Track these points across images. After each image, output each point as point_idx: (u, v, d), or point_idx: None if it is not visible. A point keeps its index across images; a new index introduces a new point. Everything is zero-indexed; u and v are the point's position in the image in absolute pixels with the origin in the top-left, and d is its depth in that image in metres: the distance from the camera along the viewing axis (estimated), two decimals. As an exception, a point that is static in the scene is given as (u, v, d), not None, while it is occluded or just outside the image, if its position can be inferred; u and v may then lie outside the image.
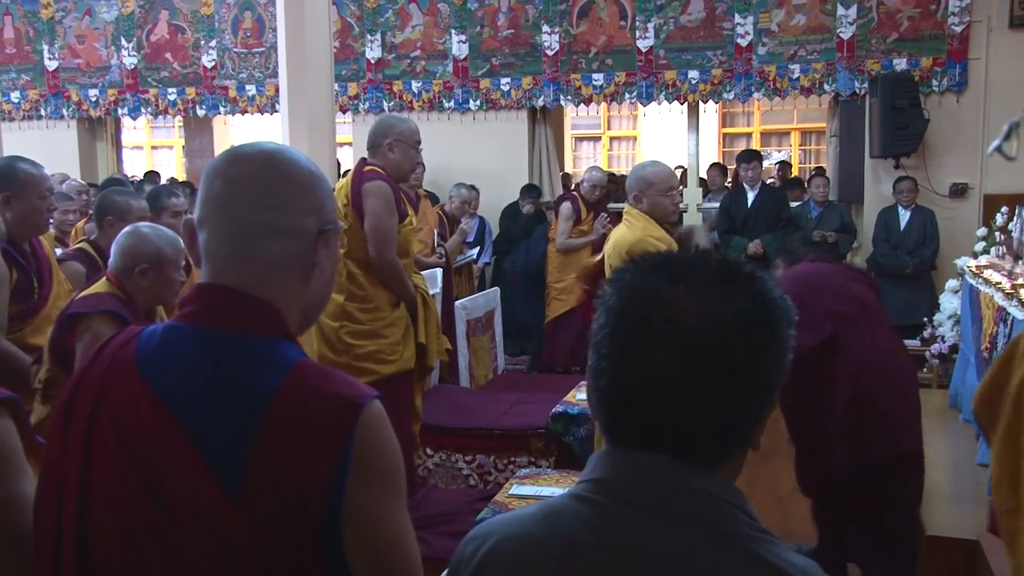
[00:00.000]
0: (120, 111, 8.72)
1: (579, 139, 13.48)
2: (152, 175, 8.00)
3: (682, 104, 7.58)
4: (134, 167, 11.04)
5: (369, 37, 7.99)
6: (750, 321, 0.89)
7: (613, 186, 8.80)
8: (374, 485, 1.05)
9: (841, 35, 7.01)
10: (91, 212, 4.20)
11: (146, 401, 1.07)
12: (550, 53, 7.62)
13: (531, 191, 7.57)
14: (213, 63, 8.40)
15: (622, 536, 0.89)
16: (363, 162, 3.70)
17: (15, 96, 8.90)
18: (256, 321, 1.09)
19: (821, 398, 3.08)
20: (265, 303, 1.10)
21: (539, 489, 3.15)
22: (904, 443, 3.14)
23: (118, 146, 9.38)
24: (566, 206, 6.68)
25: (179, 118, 9.61)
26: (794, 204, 7.28)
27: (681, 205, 7.98)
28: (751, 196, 6.84)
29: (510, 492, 3.18)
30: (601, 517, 0.91)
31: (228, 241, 1.11)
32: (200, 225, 1.13)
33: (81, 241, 3.70)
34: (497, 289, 6.25)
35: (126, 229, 2.70)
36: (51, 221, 3.30)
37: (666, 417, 0.89)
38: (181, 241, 2.79)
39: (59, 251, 3.62)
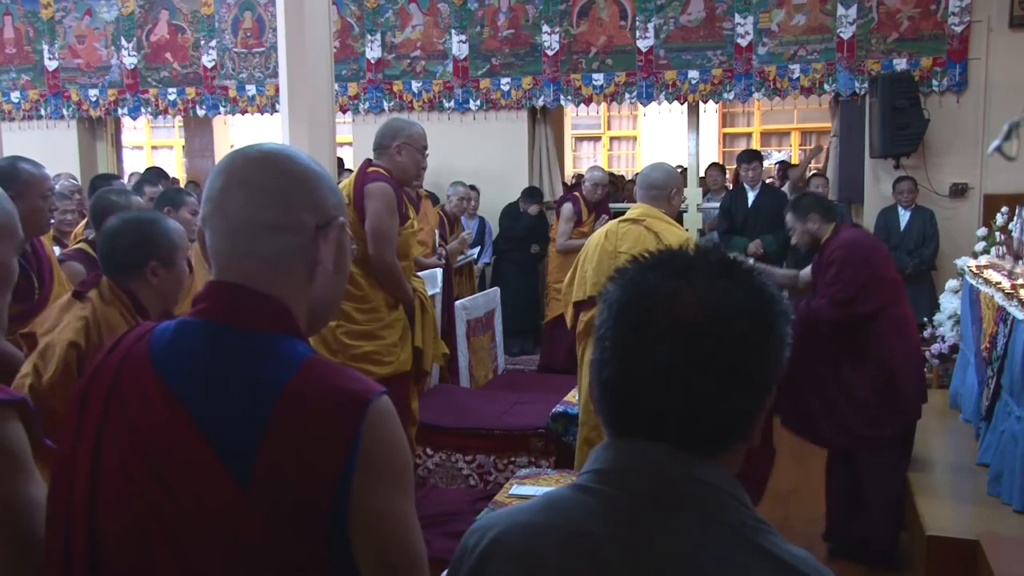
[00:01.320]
0: (120, 111, 8.72)
1: (579, 139, 13.48)
2: (156, 171, 7.78)
3: (682, 104, 7.58)
4: (134, 167, 11.03)
5: (369, 37, 7.99)
6: (748, 316, 0.92)
7: (613, 187, 8.81)
8: (381, 480, 1.05)
9: (841, 35, 7.01)
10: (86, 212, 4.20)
11: (159, 396, 1.08)
12: (550, 53, 7.62)
13: (532, 194, 7.55)
14: (213, 63, 8.40)
15: (624, 524, 0.91)
16: (368, 163, 3.70)
17: (15, 96, 8.90)
18: (266, 317, 1.11)
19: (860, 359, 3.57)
20: (274, 299, 1.11)
21: (539, 489, 3.15)
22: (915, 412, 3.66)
23: (118, 146, 9.38)
24: (567, 207, 6.67)
25: (179, 118, 9.62)
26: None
27: (681, 205, 8.03)
28: (751, 196, 6.84)
29: (510, 492, 3.18)
30: (604, 506, 0.93)
31: (228, 239, 1.13)
32: (203, 223, 1.15)
33: (80, 241, 3.70)
34: (497, 289, 6.25)
35: None
36: (52, 221, 3.29)
37: (666, 409, 0.91)
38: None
39: (57, 251, 3.61)
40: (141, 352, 1.12)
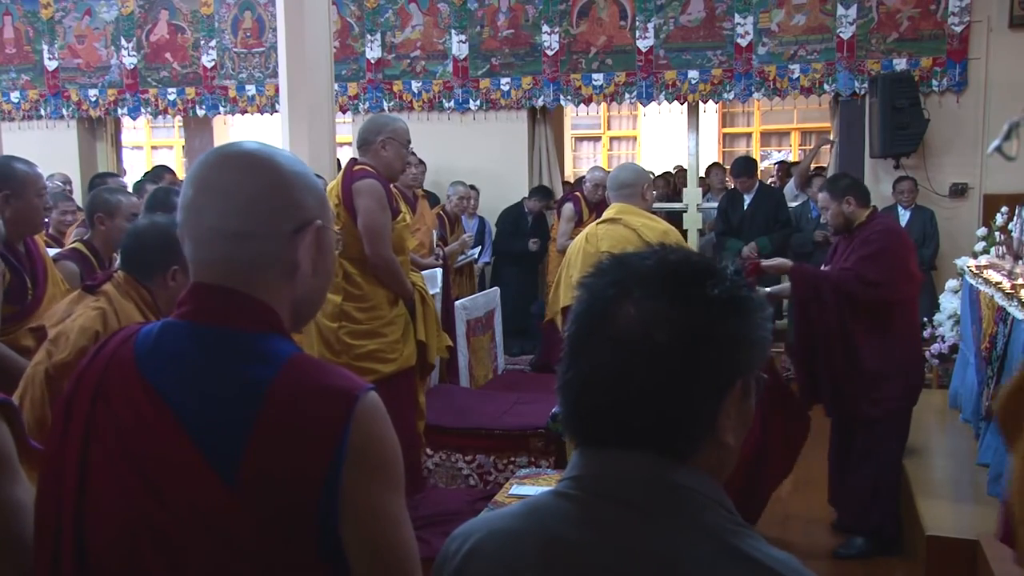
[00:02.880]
0: (120, 111, 8.71)
1: (579, 139, 13.47)
2: (159, 169, 7.56)
3: (682, 104, 7.57)
4: (134, 167, 11.03)
5: (369, 37, 7.99)
6: (685, 325, 0.92)
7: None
8: (370, 477, 1.05)
9: (841, 35, 7.01)
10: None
11: (145, 398, 1.07)
12: (550, 53, 7.62)
13: (542, 194, 7.50)
14: (213, 63, 8.40)
15: (601, 530, 0.92)
16: (353, 161, 3.71)
17: (15, 96, 8.90)
18: (248, 317, 1.10)
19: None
20: (255, 300, 1.11)
21: (539, 489, 3.15)
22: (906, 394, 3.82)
23: (118, 146, 9.37)
24: (568, 207, 6.68)
25: (179, 118, 9.61)
26: (793, 204, 7.27)
27: (680, 205, 8.03)
28: (747, 198, 6.83)
29: (510, 492, 3.17)
30: (581, 512, 0.94)
31: (199, 248, 1.12)
32: (180, 231, 1.15)
33: (75, 241, 3.69)
34: (497, 289, 6.25)
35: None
36: (47, 220, 3.29)
37: (616, 414, 0.93)
38: None
39: (53, 251, 3.60)
40: (127, 355, 1.12)
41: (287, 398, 1.04)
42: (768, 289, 4.10)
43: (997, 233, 4.76)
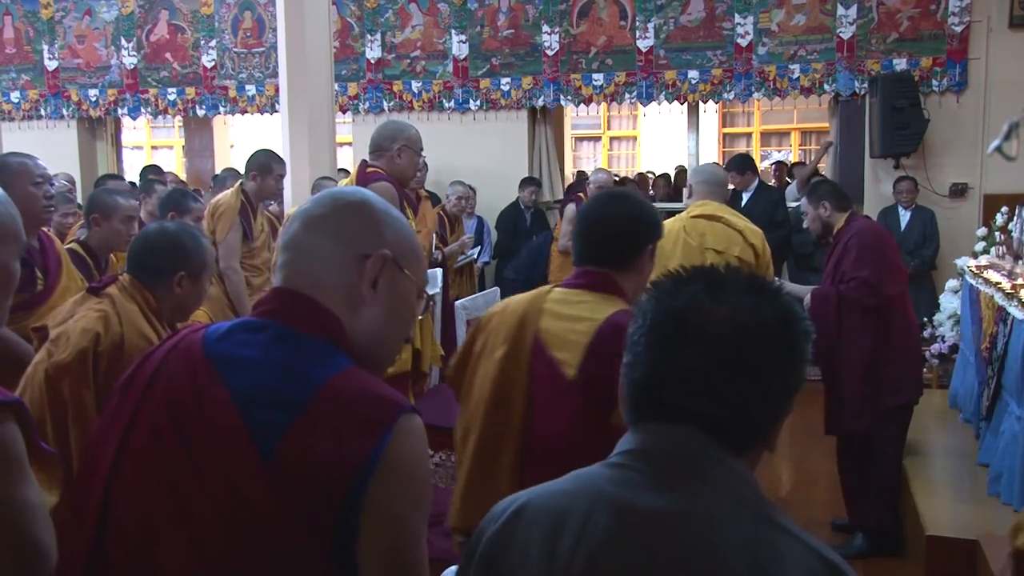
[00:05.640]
0: (120, 111, 8.72)
1: (579, 139, 13.47)
2: (154, 169, 7.57)
3: (682, 104, 7.58)
4: (134, 167, 11.02)
5: (369, 37, 7.99)
6: (771, 331, 1.02)
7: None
8: (397, 488, 1.07)
9: (841, 35, 7.01)
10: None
11: (204, 372, 1.13)
12: (550, 53, 7.62)
13: (530, 182, 7.50)
14: (213, 63, 8.40)
15: (649, 489, 0.98)
16: (365, 164, 3.71)
17: (15, 96, 8.90)
18: (320, 327, 1.17)
19: (865, 346, 3.72)
20: (330, 314, 1.17)
21: (539, 489, 3.15)
22: (912, 391, 3.81)
23: (118, 146, 9.38)
24: (571, 208, 6.66)
25: (179, 118, 9.61)
26: (793, 204, 7.26)
27: (681, 205, 8.02)
28: (745, 196, 6.82)
29: (510, 492, 3.17)
30: (629, 475, 1.01)
31: (281, 253, 1.23)
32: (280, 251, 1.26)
33: (72, 242, 3.68)
34: (497, 289, 6.25)
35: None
36: (52, 209, 3.27)
37: (690, 407, 1.00)
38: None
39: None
40: (195, 340, 1.19)
41: (340, 394, 1.09)
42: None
43: (997, 233, 4.76)
